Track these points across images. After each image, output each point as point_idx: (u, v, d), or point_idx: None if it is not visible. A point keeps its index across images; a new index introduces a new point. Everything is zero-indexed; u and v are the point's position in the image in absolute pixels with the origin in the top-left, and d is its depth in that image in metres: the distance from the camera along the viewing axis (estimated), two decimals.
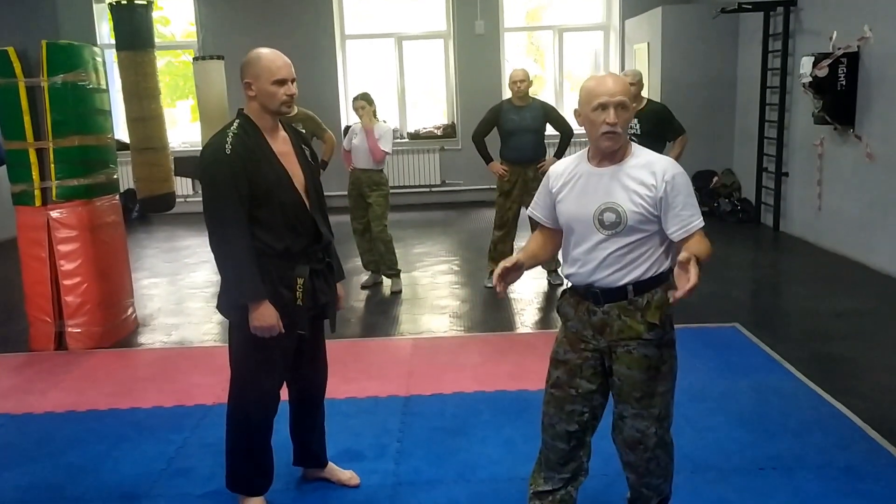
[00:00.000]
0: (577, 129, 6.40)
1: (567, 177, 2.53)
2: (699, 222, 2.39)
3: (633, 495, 2.68)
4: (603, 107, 2.36)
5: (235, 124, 2.74)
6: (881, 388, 4.00)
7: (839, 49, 6.59)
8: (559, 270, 6.25)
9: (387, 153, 5.88)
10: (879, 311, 5.32)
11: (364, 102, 5.90)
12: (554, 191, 2.55)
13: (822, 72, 6.55)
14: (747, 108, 8.77)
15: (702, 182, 9.05)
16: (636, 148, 2.48)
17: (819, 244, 7.26)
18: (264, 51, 2.74)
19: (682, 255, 2.20)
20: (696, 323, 5.01)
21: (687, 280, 2.16)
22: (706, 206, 8.95)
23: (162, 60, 10.47)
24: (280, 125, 2.85)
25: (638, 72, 6.05)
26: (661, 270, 2.45)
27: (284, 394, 2.98)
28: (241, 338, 2.79)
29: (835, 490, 3.02)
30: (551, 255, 2.70)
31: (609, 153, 2.43)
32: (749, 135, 8.68)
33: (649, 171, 2.39)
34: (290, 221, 2.76)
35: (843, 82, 6.51)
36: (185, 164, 8.15)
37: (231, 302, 2.76)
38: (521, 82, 5.81)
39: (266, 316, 2.68)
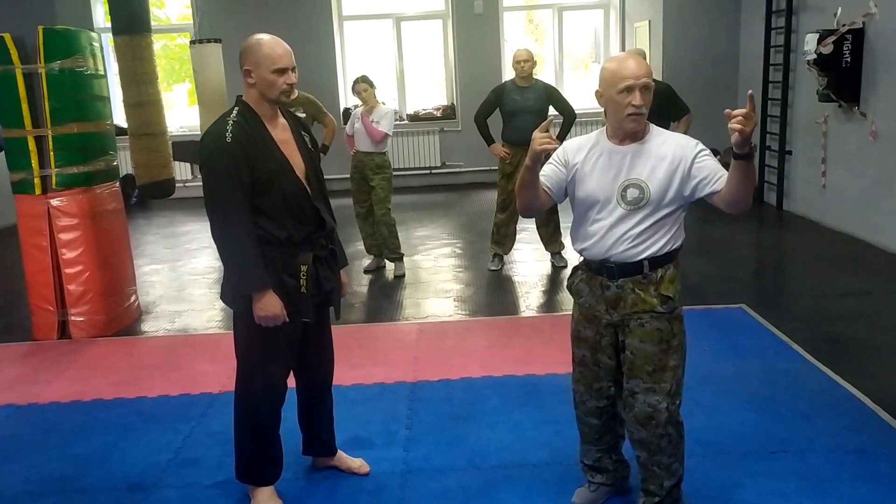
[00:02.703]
0: (580, 111, 6.33)
1: (586, 153, 2.56)
2: (723, 174, 2.46)
3: (643, 475, 2.69)
4: (629, 89, 2.41)
5: (235, 112, 2.69)
6: (890, 369, 3.98)
7: (844, 25, 6.52)
8: (562, 253, 6.22)
9: (387, 134, 5.83)
10: (886, 290, 5.29)
11: (366, 85, 5.84)
12: (569, 166, 2.58)
13: (827, 49, 6.48)
14: (750, 85, 8.65)
15: None
16: (654, 127, 2.55)
17: (823, 223, 7.23)
18: (264, 37, 2.68)
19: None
20: (702, 304, 4.99)
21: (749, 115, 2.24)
22: None
23: (158, 44, 10.36)
24: (279, 112, 2.81)
25: (641, 51, 6.00)
26: (675, 246, 2.53)
27: (291, 382, 2.96)
28: (245, 327, 2.77)
29: (847, 473, 3.01)
30: (541, 207, 2.66)
31: (631, 133, 2.49)
32: None
33: (674, 144, 2.49)
34: (292, 209, 2.72)
35: (848, 59, 6.45)
36: (184, 149, 8.07)
37: (234, 292, 2.73)
38: (525, 62, 5.74)
39: (270, 305, 2.65)
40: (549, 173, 2.61)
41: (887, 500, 2.82)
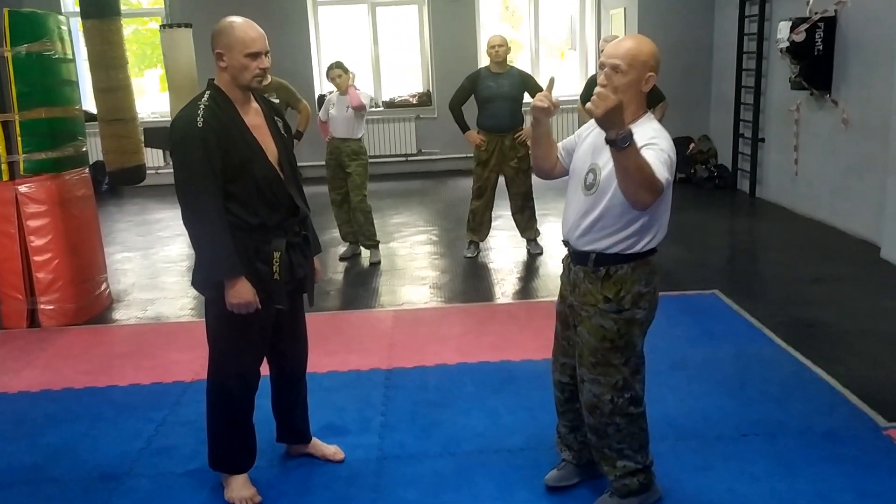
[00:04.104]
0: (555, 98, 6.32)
1: (590, 130, 2.58)
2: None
3: (595, 457, 2.73)
4: (601, 67, 2.43)
5: (206, 96, 2.65)
6: (859, 353, 4.04)
7: (816, 14, 6.56)
8: (538, 240, 6.23)
9: (364, 105, 5.78)
10: (855, 276, 5.36)
11: (340, 71, 5.80)
12: (580, 138, 2.63)
13: (800, 37, 6.53)
14: (723, 73, 8.76)
15: (678, 148, 9.01)
16: (646, 118, 2.45)
17: (795, 210, 7.31)
18: (237, 20, 2.64)
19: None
20: (675, 290, 5.02)
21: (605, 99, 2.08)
22: (682, 172, 8.96)
23: (128, 28, 10.21)
24: (252, 96, 2.77)
25: (616, 37, 6.00)
26: (629, 251, 2.47)
27: (265, 370, 2.94)
28: (217, 314, 2.74)
29: (817, 455, 3.05)
30: (551, 169, 2.68)
31: None
32: (725, 101, 8.68)
33: (638, 136, 2.33)
34: (264, 195, 2.69)
35: (820, 47, 6.50)
36: (156, 135, 7.97)
37: (206, 278, 2.70)
38: (500, 47, 5.72)
39: (243, 292, 2.63)
40: (566, 141, 2.69)
41: (855, 482, 2.87)
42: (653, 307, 2.57)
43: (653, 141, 2.33)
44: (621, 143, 2.10)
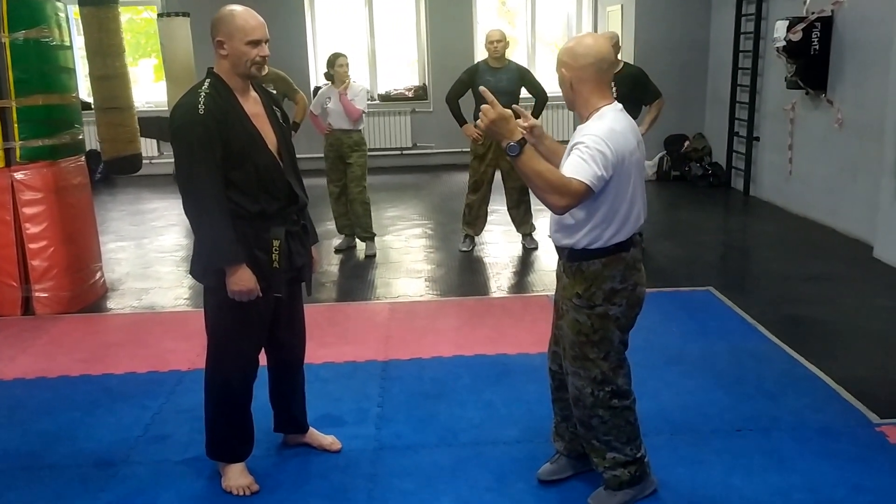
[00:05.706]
0: (551, 93, 6.34)
1: None
2: (569, 171, 2.29)
3: (586, 448, 2.75)
4: None
5: (207, 83, 2.65)
6: (852, 351, 4.08)
7: (813, 13, 6.59)
8: (533, 234, 6.24)
9: (363, 111, 5.80)
10: (848, 274, 5.40)
11: (347, 59, 5.84)
12: None
13: (796, 36, 6.55)
14: (719, 72, 8.78)
15: (673, 146, 9.08)
16: (603, 113, 2.43)
17: (789, 209, 7.35)
18: (238, 8, 2.64)
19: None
20: (671, 287, 5.05)
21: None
22: (677, 170, 9.00)
23: (123, 17, 10.13)
24: (251, 86, 2.77)
25: (614, 34, 6.02)
26: (594, 245, 2.47)
27: (263, 360, 2.94)
28: (216, 303, 2.74)
29: (810, 450, 3.08)
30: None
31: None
32: (721, 99, 8.71)
33: (578, 132, 2.43)
34: (264, 183, 2.70)
35: (817, 47, 6.52)
36: (149, 125, 7.95)
37: (207, 265, 2.69)
38: (498, 42, 5.72)
39: (244, 279, 2.63)
40: None
41: (847, 476, 2.89)
42: (632, 304, 2.56)
43: (581, 140, 2.34)
44: (510, 153, 2.26)
